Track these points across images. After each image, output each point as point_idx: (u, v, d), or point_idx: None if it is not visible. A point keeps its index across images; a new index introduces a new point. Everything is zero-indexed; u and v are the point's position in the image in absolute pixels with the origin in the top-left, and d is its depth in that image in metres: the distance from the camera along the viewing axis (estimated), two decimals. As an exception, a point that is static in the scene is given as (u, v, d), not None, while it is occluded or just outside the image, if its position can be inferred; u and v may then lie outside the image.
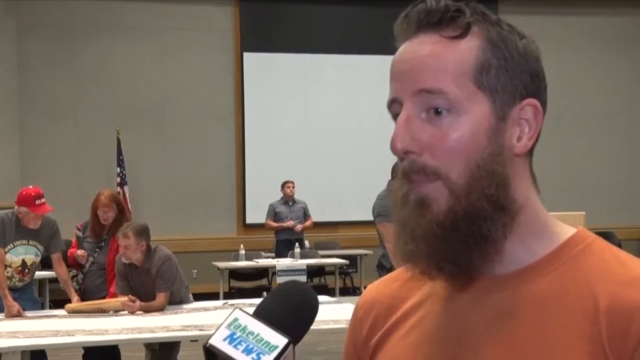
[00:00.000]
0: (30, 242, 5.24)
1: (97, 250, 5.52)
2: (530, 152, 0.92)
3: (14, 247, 5.19)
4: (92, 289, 5.46)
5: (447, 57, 0.88)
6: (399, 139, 0.88)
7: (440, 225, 0.87)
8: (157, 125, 10.78)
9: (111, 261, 5.45)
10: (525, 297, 0.88)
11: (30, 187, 5.28)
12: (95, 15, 10.57)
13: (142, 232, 5.05)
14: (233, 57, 11.05)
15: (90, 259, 5.50)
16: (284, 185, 9.81)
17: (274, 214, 9.73)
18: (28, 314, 5.09)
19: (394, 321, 0.99)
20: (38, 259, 5.35)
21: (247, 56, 11.05)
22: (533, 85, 0.90)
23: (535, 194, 0.92)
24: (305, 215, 9.82)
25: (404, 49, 0.91)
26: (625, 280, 0.85)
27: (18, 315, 4.98)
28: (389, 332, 0.99)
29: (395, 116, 0.91)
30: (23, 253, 5.23)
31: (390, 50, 0.94)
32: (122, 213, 5.55)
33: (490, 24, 0.90)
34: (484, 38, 0.89)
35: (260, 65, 11.08)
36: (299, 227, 9.61)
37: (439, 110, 0.87)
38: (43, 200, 5.17)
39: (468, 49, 0.88)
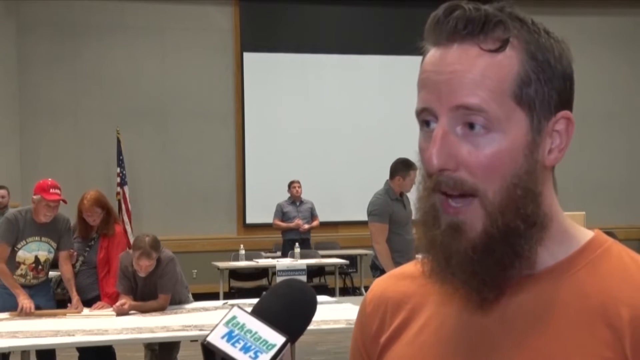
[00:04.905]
0: (43, 238, 5.22)
1: (87, 249, 5.49)
2: None
3: (27, 243, 5.18)
4: (83, 288, 5.41)
5: (486, 72, 0.83)
6: (436, 155, 0.84)
7: (477, 250, 0.85)
8: (157, 125, 10.77)
9: (102, 260, 5.43)
10: (544, 302, 0.87)
11: (49, 179, 5.30)
12: (95, 15, 10.57)
13: (159, 247, 5.04)
14: (233, 57, 11.05)
15: (81, 258, 5.48)
16: (290, 185, 9.81)
17: (281, 213, 9.71)
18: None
19: (404, 318, 0.97)
20: (51, 255, 5.30)
21: (247, 56, 11.04)
22: (566, 92, 0.87)
23: (556, 199, 0.91)
24: (312, 215, 9.82)
25: (439, 57, 0.86)
26: None
27: (29, 312, 4.97)
28: (399, 330, 0.97)
29: (423, 123, 0.87)
30: (36, 249, 5.21)
31: (390, 50, 0.93)
32: (108, 213, 5.49)
33: (528, 32, 0.85)
34: (523, 50, 0.85)
35: (260, 65, 11.07)
36: (305, 226, 9.61)
37: (474, 125, 0.84)
38: (57, 191, 5.17)
39: (509, 63, 0.84)
